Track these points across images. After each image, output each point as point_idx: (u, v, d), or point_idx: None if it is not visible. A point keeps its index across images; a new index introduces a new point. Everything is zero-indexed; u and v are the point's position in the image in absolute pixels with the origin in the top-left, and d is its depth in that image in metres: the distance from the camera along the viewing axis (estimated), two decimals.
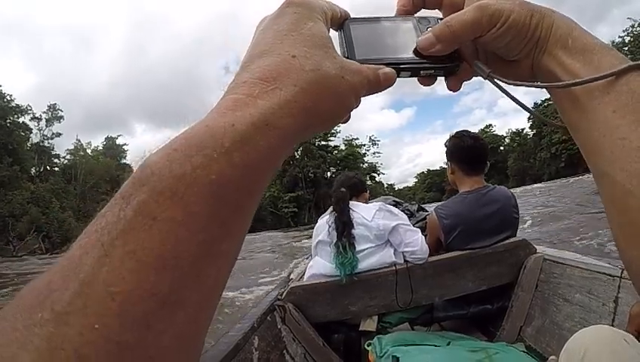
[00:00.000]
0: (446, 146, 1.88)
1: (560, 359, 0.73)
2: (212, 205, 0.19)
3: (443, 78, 0.35)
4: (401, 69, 0.32)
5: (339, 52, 0.30)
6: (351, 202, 1.77)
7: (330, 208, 1.78)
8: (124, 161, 53.00)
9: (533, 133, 56.36)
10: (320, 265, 1.74)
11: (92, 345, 0.16)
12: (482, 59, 0.35)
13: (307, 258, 2.91)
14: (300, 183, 50.91)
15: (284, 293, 1.71)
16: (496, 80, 0.33)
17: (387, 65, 0.31)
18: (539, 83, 0.33)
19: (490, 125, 73.59)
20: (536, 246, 1.76)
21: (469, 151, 1.78)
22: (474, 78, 0.37)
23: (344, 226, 1.68)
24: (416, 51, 0.33)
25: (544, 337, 1.52)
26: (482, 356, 1.30)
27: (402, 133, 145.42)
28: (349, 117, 0.30)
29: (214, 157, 0.19)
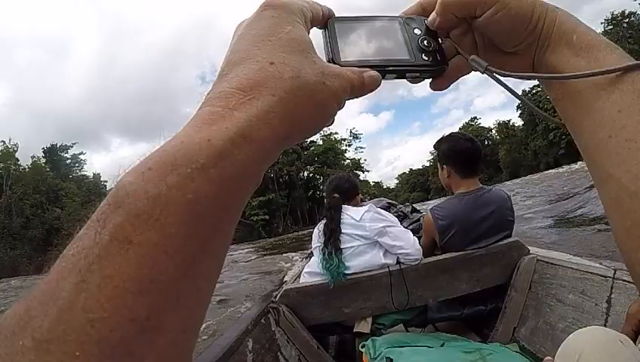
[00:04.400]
0: (435, 148, 1.85)
1: (555, 361, 0.73)
2: (189, 225, 0.19)
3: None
4: (386, 71, 0.32)
5: (323, 52, 0.30)
6: (342, 206, 1.78)
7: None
8: (83, 172, 47.47)
9: (523, 123, 55.43)
10: (315, 267, 1.75)
11: None
12: (481, 50, 0.35)
13: (301, 260, 2.90)
14: (271, 185, 45.37)
15: (278, 295, 1.70)
16: (495, 73, 0.33)
17: (372, 67, 0.30)
18: (538, 74, 0.33)
19: (475, 117, 73.09)
20: (529, 248, 1.77)
21: (466, 153, 1.75)
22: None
23: (331, 233, 1.70)
24: (408, 48, 0.33)
25: (537, 338, 1.52)
26: (476, 357, 1.30)
27: (381, 137, 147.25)
28: (333, 120, 0.29)
29: (190, 176, 0.19)
